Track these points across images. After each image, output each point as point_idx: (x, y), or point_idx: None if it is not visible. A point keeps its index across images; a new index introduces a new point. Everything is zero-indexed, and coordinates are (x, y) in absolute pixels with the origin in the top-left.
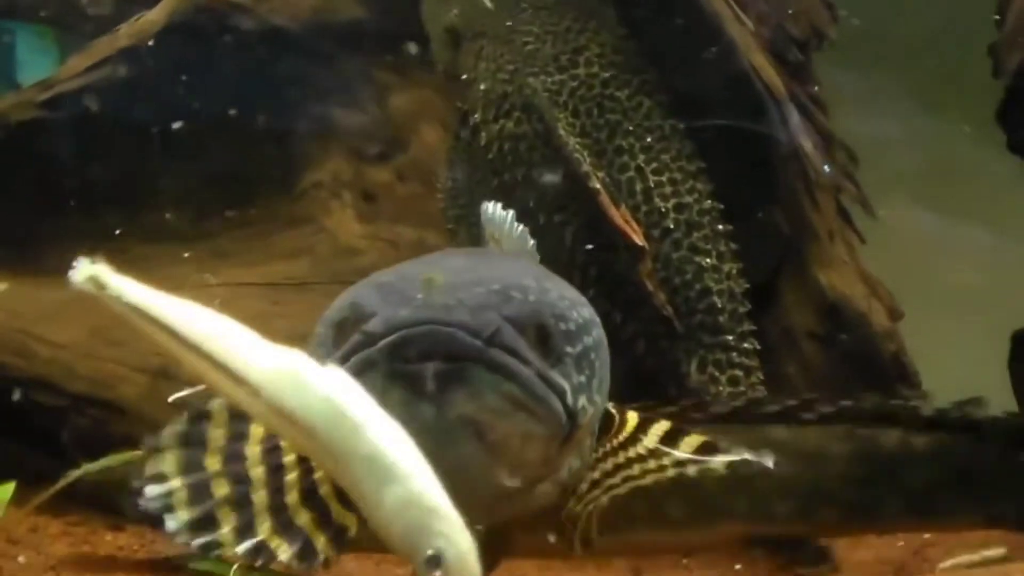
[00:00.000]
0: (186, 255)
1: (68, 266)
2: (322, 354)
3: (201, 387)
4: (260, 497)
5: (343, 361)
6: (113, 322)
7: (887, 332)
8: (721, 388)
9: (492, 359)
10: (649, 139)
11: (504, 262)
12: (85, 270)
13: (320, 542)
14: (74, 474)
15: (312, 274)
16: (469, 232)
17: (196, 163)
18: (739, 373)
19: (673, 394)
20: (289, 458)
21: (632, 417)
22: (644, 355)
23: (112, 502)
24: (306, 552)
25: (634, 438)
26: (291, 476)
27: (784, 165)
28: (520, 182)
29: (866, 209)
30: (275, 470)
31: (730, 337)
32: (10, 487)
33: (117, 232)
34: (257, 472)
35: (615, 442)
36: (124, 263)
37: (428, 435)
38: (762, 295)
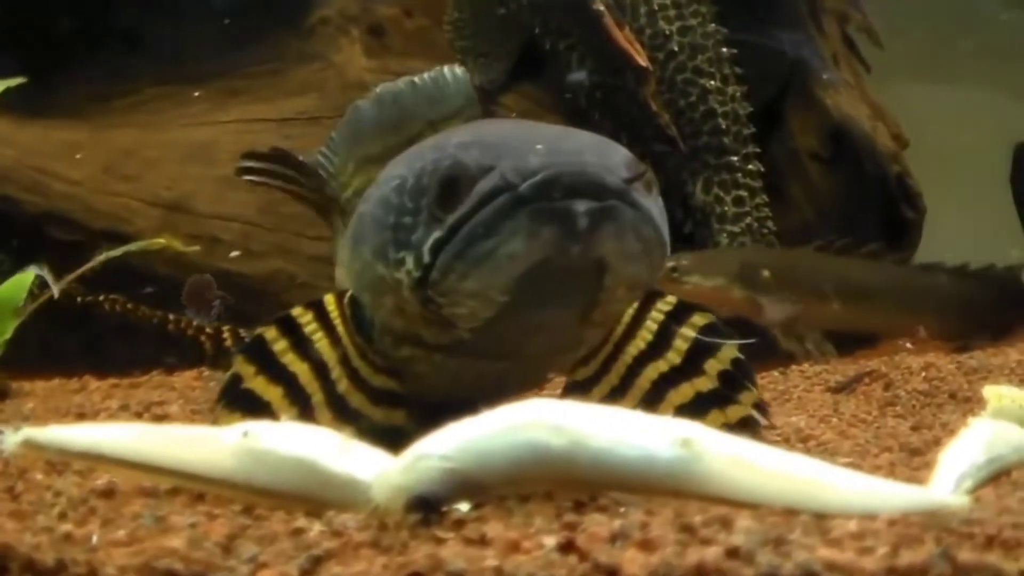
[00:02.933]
0: (197, 94)
1: (80, 107)
2: (410, 223)
3: None
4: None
5: (474, 211)
6: (125, 158)
7: (891, 153)
8: (726, 208)
9: (634, 198)
10: None
11: (545, 125)
12: (12, 439)
13: (378, 415)
14: (98, 259)
15: (321, 109)
16: (476, 63)
17: (205, 3)
18: (744, 194)
19: (679, 215)
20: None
21: None
22: None
23: None
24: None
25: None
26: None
27: None
28: (525, 9)
29: (872, 37)
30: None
31: (735, 158)
32: (30, 274)
33: (127, 73)
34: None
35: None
36: (136, 104)
37: (560, 273)
38: (767, 117)
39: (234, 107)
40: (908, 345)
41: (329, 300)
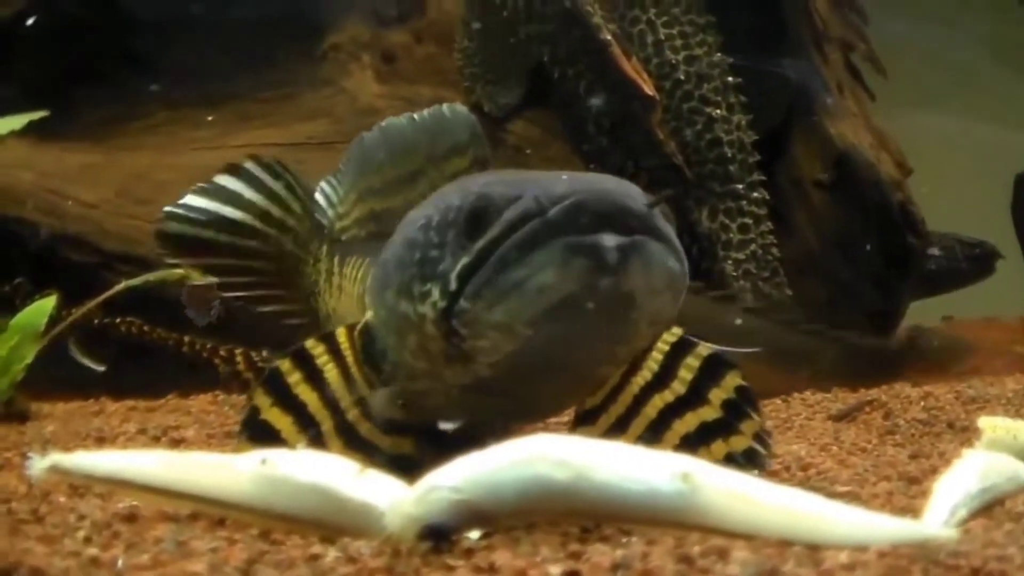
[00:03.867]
0: (210, 118)
1: (95, 131)
2: (436, 255)
3: None
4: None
5: (504, 236)
6: (138, 181)
7: (895, 181)
8: (732, 236)
9: (659, 227)
10: None
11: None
12: (40, 464)
13: (386, 443)
14: (116, 288)
15: (333, 134)
16: (485, 90)
17: (218, 28)
18: (749, 221)
19: (685, 243)
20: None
21: None
22: None
23: None
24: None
25: None
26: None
27: (793, 16)
28: (534, 38)
29: (876, 66)
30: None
31: (740, 186)
32: (51, 300)
33: (141, 97)
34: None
35: None
36: (150, 128)
37: (593, 307)
38: (772, 146)
39: (246, 131)
40: None
41: (341, 332)
